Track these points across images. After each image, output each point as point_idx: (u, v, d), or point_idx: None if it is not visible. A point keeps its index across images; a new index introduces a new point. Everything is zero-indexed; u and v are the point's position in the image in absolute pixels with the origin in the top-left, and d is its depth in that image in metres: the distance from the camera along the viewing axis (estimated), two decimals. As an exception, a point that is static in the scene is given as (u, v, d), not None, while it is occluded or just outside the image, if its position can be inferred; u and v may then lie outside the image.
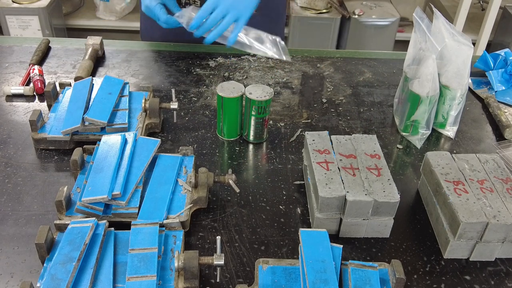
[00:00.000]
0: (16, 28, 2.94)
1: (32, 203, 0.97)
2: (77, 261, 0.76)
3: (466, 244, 0.88)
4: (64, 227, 0.84)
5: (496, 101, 1.31)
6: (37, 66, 1.32)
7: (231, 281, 0.84)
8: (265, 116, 1.11)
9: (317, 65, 1.46)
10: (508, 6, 3.17)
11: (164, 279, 0.79)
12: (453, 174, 0.94)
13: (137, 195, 0.91)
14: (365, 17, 3.04)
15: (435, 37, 1.13)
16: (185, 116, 1.22)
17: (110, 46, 1.48)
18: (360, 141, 1.01)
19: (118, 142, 0.98)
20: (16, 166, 1.05)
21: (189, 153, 1.02)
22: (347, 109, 1.28)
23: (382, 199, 0.88)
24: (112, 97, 1.13)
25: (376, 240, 0.93)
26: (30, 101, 1.25)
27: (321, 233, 0.82)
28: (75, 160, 0.96)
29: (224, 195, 1.01)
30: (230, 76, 1.38)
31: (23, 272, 0.84)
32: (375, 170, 0.93)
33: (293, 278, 0.79)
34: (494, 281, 0.87)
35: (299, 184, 1.05)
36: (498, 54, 1.42)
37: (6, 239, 0.90)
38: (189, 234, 0.92)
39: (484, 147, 1.18)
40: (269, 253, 0.90)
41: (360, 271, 0.78)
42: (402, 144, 1.18)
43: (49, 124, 1.10)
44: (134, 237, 0.82)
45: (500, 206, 0.87)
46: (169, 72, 1.38)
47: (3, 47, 1.46)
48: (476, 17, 3.39)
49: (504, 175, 0.94)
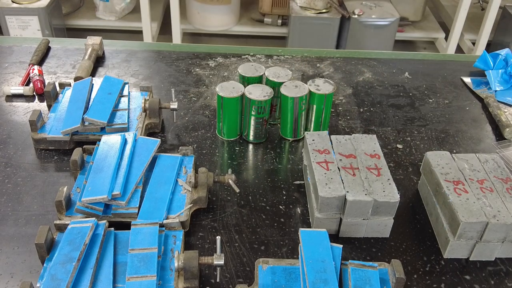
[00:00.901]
0: (15, 28, 2.94)
1: (32, 203, 0.97)
2: (77, 261, 0.76)
3: (466, 244, 0.88)
4: (64, 227, 0.84)
5: (496, 101, 1.31)
6: (36, 66, 1.32)
7: (231, 281, 0.84)
8: (265, 116, 1.11)
9: (317, 65, 1.46)
10: (508, 6, 3.16)
11: (164, 279, 0.79)
12: (453, 174, 0.94)
13: (137, 195, 0.91)
14: (365, 17, 3.03)
15: None
16: (185, 116, 1.22)
17: (110, 46, 1.48)
18: (360, 141, 1.01)
19: (118, 142, 0.98)
20: (16, 166, 1.05)
21: (189, 153, 1.02)
22: (347, 109, 1.28)
23: (382, 199, 0.88)
24: (112, 97, 1.13)
25: (376, 240, 0.93)
26: (30, 101, 1.25)
27: (321, 233, 0.82)
28: (75, 160, 0.96)
29: (224, 195, 1.01)
30: (230, 76, 1.38)
31: (23, 272, 0.84)
32: (375, 170, 0.93)
33: (293, 278, 0.79)
34: (494, 281, 0.87)
35: (299, 184, 1.05)
36: (498, 54, 1.42)
37: (6, 239, 0.90)
38: (189, 234, 0.92)
39: (484, 147, 1.18)
40: (269, 253, 0.90)
41: (360, 271, 0.78)
42: (402, 144, 1.18)
43: (49, 124, 1.10)
44: (134, 237, 0.82)
45: (500, 206, 0.87)
46: (169, 72, 1.38)
47: (3, 47, 1.46)
48: (476, 17, 3.39)
49: (504, 175, 0.95)
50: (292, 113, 1.11)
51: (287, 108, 1.10)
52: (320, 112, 1.13)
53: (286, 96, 1.09)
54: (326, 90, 1.11)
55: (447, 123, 1.25)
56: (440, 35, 3.39)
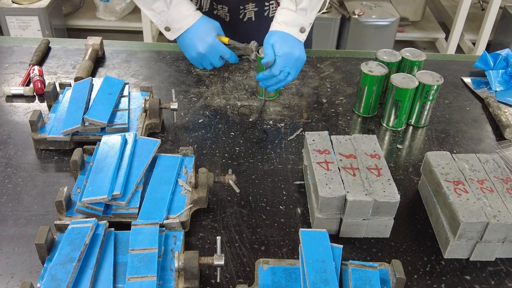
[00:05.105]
0: (16, 29, 2.94)
1: (32, 204, 0.97)
2: (77, 261, 0.76)
3: (466, 244, 0.88)
4: (64, 228, 0.84)
5: (496, 101, 1.31)
6: (37, 67, 1.32)
7: (231, 281, 0.84)
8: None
9: (317, 65, 1.46)
10: (508, 6, 3.16)
11: (164, 279, 0.79)
12: (453, 174, 0.94)
13: (137, 195, 0.91)
14: (365, 17, 3.03)
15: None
16: (185, 116, 1.22)
17: (110, 47, 1.48)
18: (360, 141, 1.01)
19: (118, 143, 0.98)
20: (16, 167, 1.05)
21: (189, 153, 1.02)
22: (347, 109, 1.28)
23: (382, 199, 0.88)
24: (112, 98, 1.13)
25: (376, 240, 0.93)
26: (30, 102, 1.25)
27: (321, 233, 0.82)
28: (75, 160, 0.96)
29: (224, 195, 1.01)
30: (230, 76, 1.38)
31: (23, 272, 0.84)
32: (375, 170, 0.93)
33: (293, 278, 0.79)
34: (494, 281, 0.87)
35: (299, 184, 1.05)
36: (498, 54, 1.42)
37: (6, 239, 0.90)
38: (189, 234, 0.92)
39: (484, 147, 1.18)
40: (269, 253, 0.90)
41: (360, 271, 0.78)
42: (402, 144, 1.18)
43: (49, 125, 1.10)
44: (134, 237, 0.82)
45: (500, 206, 0.87)
46: (169, 72, 1.38)
47: (3, 48, 1.46)
48: (476, 17, 3.39)
49: (504, 175, 0.94)
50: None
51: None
52: (371, 93, 1.22)
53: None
54: (378, 72, 1.19)
55: (447, 123, 1.25)
56: (440, 35, 3.39)
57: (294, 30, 1.18)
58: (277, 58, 1.15)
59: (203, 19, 1.20)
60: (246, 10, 1.37)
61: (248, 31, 1.40)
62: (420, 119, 1.22)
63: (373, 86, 1.20)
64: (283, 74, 1.18)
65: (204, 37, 1.17)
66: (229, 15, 1.37)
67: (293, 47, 1.17)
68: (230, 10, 1.36)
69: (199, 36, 1.18)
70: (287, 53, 1.16)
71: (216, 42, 1.19)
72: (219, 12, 1.38)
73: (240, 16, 1.38)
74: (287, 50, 1.16)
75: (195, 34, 1.18)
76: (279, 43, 1.16)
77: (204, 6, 1.37)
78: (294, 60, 1.17)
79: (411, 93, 1.16)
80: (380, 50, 1.27)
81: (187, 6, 1.18)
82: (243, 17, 1.38)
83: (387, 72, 1.20)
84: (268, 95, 1.28)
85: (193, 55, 1.20)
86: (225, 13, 1.37)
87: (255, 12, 1.38)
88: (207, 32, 1.18)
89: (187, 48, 1.21)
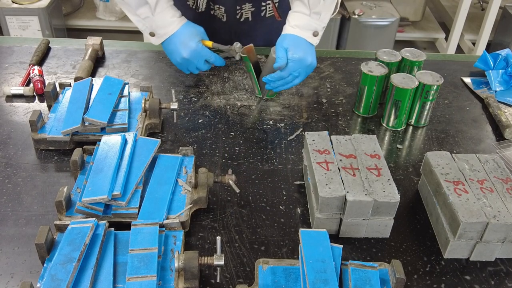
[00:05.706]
0: (16, 29, 2.94)
1: (32, 204, 0.97)
2: (77, 261, 0.76)
3: (466, 244, 0.88)
4: (64, 228, 0.84)
5: (496, 101, 1.31)
6: (37, 67, 1.32)
7: (231, 282, 0.84)
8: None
9: (317, 65, 1.45)
10: (508, 6, 3.16)
11: (164, 279, 0.79)
12: (453, 174, 0.94)
13: (137, 195, 0.91)
14: (365, 17, 3.03)
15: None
16: (185, 116, 1.22)
17: (110, 47, 1.48)
18: (360, 141, 1.01)
19: (118, 143, 0.98)
20: (16, 167, 1.05)
21: (189, 153, 1.02)
22: (347, 109, 1.28)
23: (382, 199, 0.88)
24: (112, 98, 1.13)
25: (376, 240, 0.93)
26: (30, 102, 1.25)
27: (321, 233, 0.82)
28: (75, 160, 0.96)
29: (224, 195, 1.01)
30: (230, 76, 1.38)
31: (23, 272, 0.84)
32: (375, 170, 0.93)
33: (293, 278, 0.79)
34: (494, 281, 0.87)
35: (299, 184, 1.05)
36: (498, 54, 1.42)
37: (6, 239, 0.90)
38: (189, 234, 0.92)
39: (484, 147, 1.18)
40: (269, 253, 0.90)
41: (360, 271, 0.78)
42: (402, 144, 1.18)
43: (49, 125, 1.10)
44: (134, 237, 0.82)
45: (500, 206, 0.87)
46: (169, 72, 1.38)
47: (3, 48, 1.46)
48: (476, 17, 3.39)
49: (504, 175, 0.94)
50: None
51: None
52: (371, 93, 1.22)
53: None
54: (378, 72, 1.18)
55: (447, 123, 1.25)
56: (440, 35, 3.39)
57: (307, 34, 1.19)
58: (289, 62, 1.16)
59: (187, 25, 1.21)
60: (243, 10, 1.37)
61: (245, 31, 1.41)
62: (420, 119, 1.22)
63: (373, 86, 1.20)
64: (291, 76, 1.19)
65: (187, 43, 1.19)
66: (226, 15, 1.38)
67: (306, 53, 1.18)
68: (227, 10, 1.37)
69: (182, 41, 1.19)
70: (301, 58, 1.17)
71: (199, 47, 1.20)
72: (216, 12, 1.38)
73: (237, 16, 1.38)
74: (301, 55, 1.17)
75: (178, 39, 1.19)
76: (293, 47, 1.17)
77: (201, 6, 1.37)
78: (306, 66, 1.19)
79: (411, 93, 1.16)
80: (380, 50, 1.27)
81: (172, 12, 1.19)
82: (240, 17, 1.38)
83: (387, 72, 1.20)
84: (267, 94, 1.28)
85: (178, 60, 1.22)
86: (222, 13, 1.37)
87: (252, 12, 1.38)
88: (190, 38, 1.19)
89: (172, 54, 1.23)
